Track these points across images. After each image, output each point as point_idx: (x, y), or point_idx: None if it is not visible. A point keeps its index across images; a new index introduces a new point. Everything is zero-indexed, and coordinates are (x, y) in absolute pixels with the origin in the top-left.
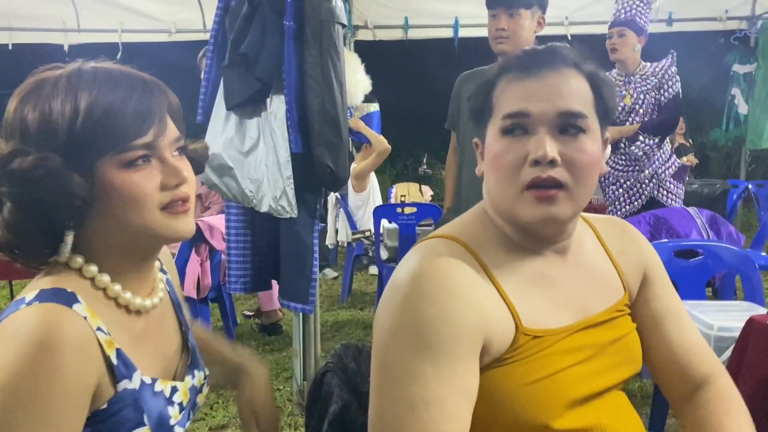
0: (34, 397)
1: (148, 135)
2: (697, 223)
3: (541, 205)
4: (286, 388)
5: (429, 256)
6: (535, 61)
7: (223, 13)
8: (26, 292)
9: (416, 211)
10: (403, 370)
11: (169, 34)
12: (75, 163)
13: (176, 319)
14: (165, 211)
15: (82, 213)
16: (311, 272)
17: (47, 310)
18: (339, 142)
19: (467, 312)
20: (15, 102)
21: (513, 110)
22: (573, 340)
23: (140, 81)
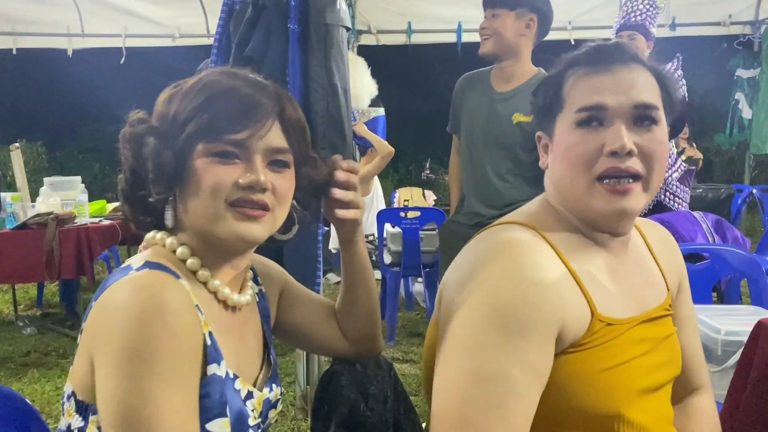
0: (152, 355)
1: (242, 133)
2: (702, 227)
3: (615, 198)
4: (289, 393)
5: (506, 238)
6: (604, 56)
7: (227, 16)
8: (131, 261)
9: (420, 216)
10: (474, 342)
11: (172, 39)
12: (172, 141)
13: (261, 329)
14: (232, 207)
15: (167, 187)
16: (315, 277)
17: (157, 275)
18: (343, 145)
19: (545, 294)
20: (165, 91)
21: (589, 103)
22: (638, 332)
23: (256, 83)
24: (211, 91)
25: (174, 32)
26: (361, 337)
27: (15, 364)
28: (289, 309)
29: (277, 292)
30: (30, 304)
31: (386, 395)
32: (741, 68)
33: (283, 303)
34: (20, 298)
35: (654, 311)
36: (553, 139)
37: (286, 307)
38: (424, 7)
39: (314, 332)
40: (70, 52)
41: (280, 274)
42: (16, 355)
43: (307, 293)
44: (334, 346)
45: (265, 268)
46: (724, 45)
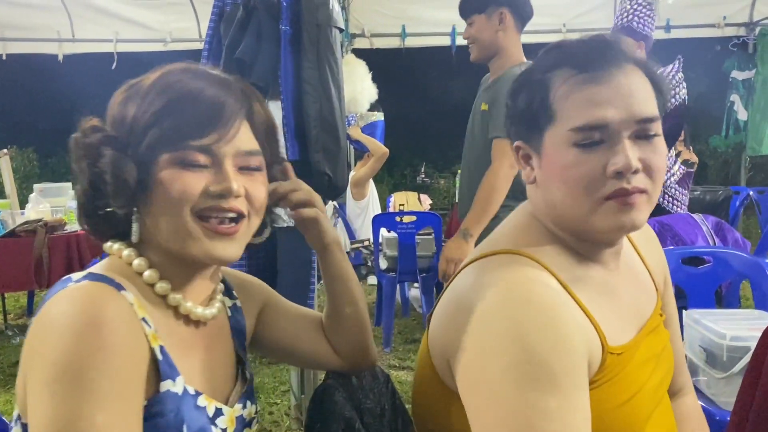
0: (86, 374)
1: (208, 138)
2: (702, 230)
3: (623, 213)
4: (283, 402)
5: (517, 277)
6: (595, 58)
7: (218, 18)
8: (73, 274)
9: (416, 220)
10: (530, 410)
11: (164, 44)
12: (132, 151)
13: (231, 345)
14: (200, 221)
15: (130, 200)
16: (309, 283)
17: (95, 287)
18: (337, 149)
19: (576, 335)
20: (117, 92)
21: (588, 122)
22: (642, 353)
23: (221, 83)
24: (172, 94)
25: (166, 37)
26: (352, 351)
27: (3, 375)
28: (273, 324)
29: (257, 306)
30: (20, 312)
31: (383, 409)
32: (736, 70)
33: (265, 318)
34: (10, 307)
35: (650, 321)
36: (541, 153)
37: (268, 322)
38: (418, 10)
39: (302, 347)
40: (61, 58)
41: (261, 289)
42: (5, 365)
43: (293, 307)
44: (325, 360)
45: (242, 282)
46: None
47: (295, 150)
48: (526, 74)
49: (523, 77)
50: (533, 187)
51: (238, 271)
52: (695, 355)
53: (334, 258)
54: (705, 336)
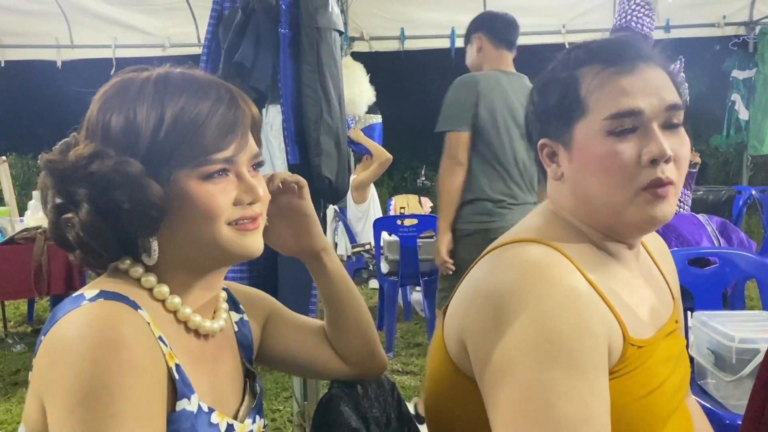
0: (110, 396)
1: (230, 149)
2: (707, 230)
3: (656, 206)
4: (286, 409)
5: (533, 257)
6: (624, 53)
7: (217, 22)
8: (84, 289)
9: (417, 223)
10: (548, 388)
11: (163, 49)
12: (154, 171)
13: (239, 359)
14: (232, 227)
15: (156, 222)
16: (310, 288)
17: (112, 307)
18: (338, 152)
19: (598, 319)
20: (98, 102)
21: (623, 108)
22: (662, 351)
23: (228, 93)
24: (191, 112)
25: (164, 42)
26: (361, 357)
27: (4, 383)
28: (278, 335)
29: (262, 319)
30: (20, 320)
31: (389, 418)
32: (736, 69)
33: (270, 329)
34: (10, 315)
35: (668, 325)
36: (571, 148)
37: (273, 333)
38: (417, 13)
39: (308, 357)
40: (60, 64)
41: (266, 301)
42: (5, 374)
43: (297, 318)
44: (333, 370)
45: (248, 296)
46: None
47: (295, 154)
48: (551, 72)
49: (547, 75)
50: (558, 184)
51: (243, 285)
52: (703, 357)
53: (329, 261)
54: (713, 338)
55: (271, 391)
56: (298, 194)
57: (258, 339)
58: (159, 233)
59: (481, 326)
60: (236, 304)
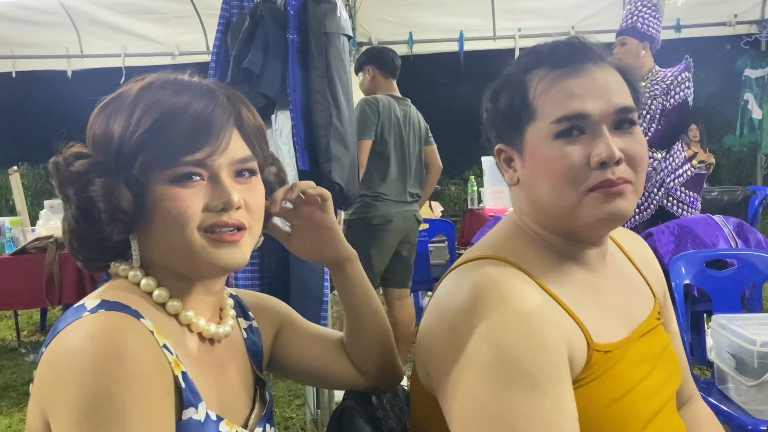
0: (117, 408)
1: (201, 152)
2: (724, 231)
3: (610, 202)
4: (299, 416)
5: (484, 278)
6: (571, 55)
7: (225, 29)
8: (86, 300)
9: (428, 228)
10: (507, 410)
11: (172, 57)
12: (124, 173)
13: (248, 366)
14: (207, 234)
15: (127, 226)
16: (322, 294)
17: (114, 317)
18: (347, 158)
19: (553, 333)
20: (96, 109)
21: (569, 112)
22: (635, 353)
23: (206, 93)
24: (158, 111)
25: (174, 50)
26: (377, 368)
27: (17, 393)
28: (291, 343)
29: (274, 326)
30: (33, 329)
31: (405, 428)
32: (749, 68)
33: (283, 337)
34: (23, 324)
35: (646, 324)
36: (523, 152)
37: (287, 342)
38: (424, 17)
39: (322, 367)
40: (70, 74)
41: (278, 308)
42: (18, 383)
43: (312, 327)
44: (349, 381)
45: (259, 302)
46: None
47: (305, 160)
48: (504, 78)
49: (500, 81)
50: (516, 189)
51: (253, 291)
52: (723, 361)
53: (353, 272)
54: (734, 342)
55: (283, 398)
56: (320, 207)
57: (269, 346)
58: (141, 236)
59: (437, 348)
60: (245, 311)
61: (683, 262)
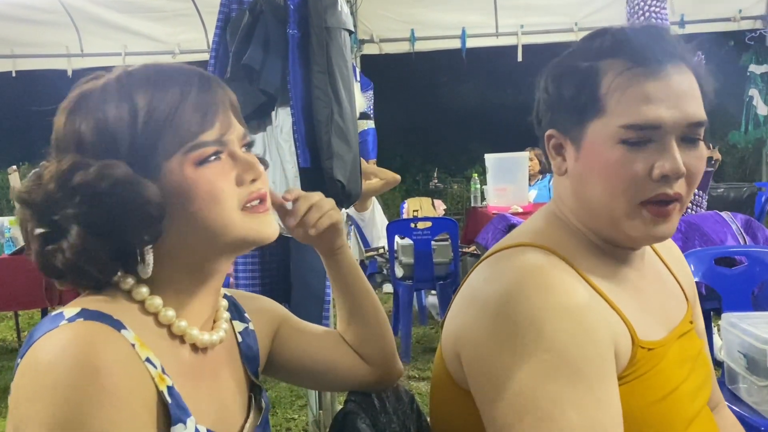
0: (87, 426)
1: (215, 129)
2: (732, 228)
3: (657, 223)
4: (301, 417)
5: (529, 263)
6: (653, 52)
7: (224, 24)
8: (65, 307)
9: (431, 226)
10: (550, 402)
11: (173, 56)
12: (142, 168)
13: (242, 371)
14: (245, 211)
15: (157, 223)
16: (324, 294)
17: (92, 328)
18: (349, 155)
19: (598, 322)
20: (63, 117)
21: (642, 120)
22: (676, 353)
23: (196, 75)
24: (165, 96)
25: (174, 48)
26: (381, 356)
27: None
28: (291, 343)
29: (272, 327)
30: None
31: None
32: (753, 64)
33: (282, 337)
34: (24, 325)
35: (681, 326)
36: (580, 146)
37: (286, 342)
38: (426, 14)
39: (325, 364)
40: (70, 73)
41: (276, 309)
42: None
43: (310, 325)
44: (354, 374)
45: (255, 303)
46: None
47: (306, 157)
48: (571, 59)
49: (567, 61)
50: (562, 179)
51: (249, 293)
52: (734, 361)
53: (345, 257)
54: (744, 341)
55: (285, 399)
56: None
57: (266, 349)
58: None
59: (476, 337)
60: (240, 313)
61: (692, 260)
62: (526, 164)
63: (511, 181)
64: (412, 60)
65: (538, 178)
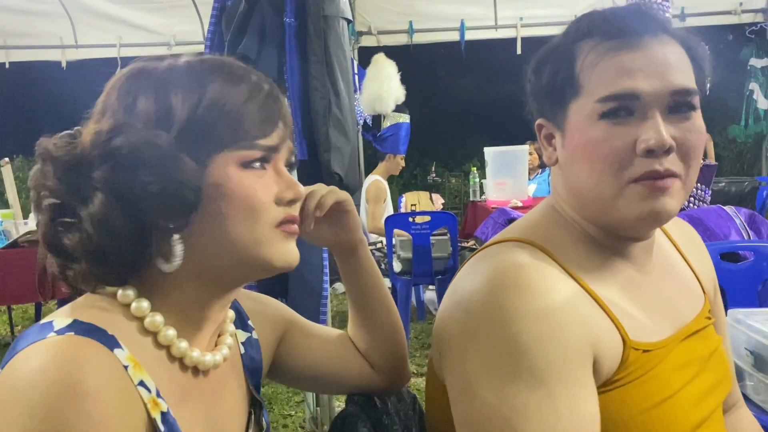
0: None
1: (273, 137)
2: (736, 223)
3: (653, 199)
4: (298, 414)
5: (508, 261)
6: (629, 25)
7: (219, 13)
8: (58, 315)
9: (430, 220)
10: (508, 407)
11: (168, 47)
12: (189, 149)
13: (244, 386)
14: (278, 231)
15: (190, 209)
16: (321, 288)
17: (80, 345)
18: (347, 147)
19: (572, 325)
20: (115, 87)
21: (618, 90)
22: (678, 355)
23: (266, 81)
24: (233, 88)
25: (170, 40)
26: (391, 362)
27: None
28: (298, 348)
29: (276, 332)
30: (28, 324)
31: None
32: (754, 57)
33: (289, 341)
34: (18, 318)
35: (693, 323)
36: (565, 130)
37: (293, 346)
38: (425, 5)
39: (333, 368)
40: (64, 64)
41: (282, 312)
42: None
43: (318, 327)
44: (361, 381)
45: (260, 307)
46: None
47: (303, 149)
48: (552, 46)
49: (547, 49)
50: (555, 170)
51: (254, 293)
52: (740, 358)
53: (365, 255)
54: (751, 338)
55: (282, 395)
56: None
57: (269, 356)
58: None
59: (450, 335)
60: (244, 321)
61: None
62: (526, 158)
63: (511, 175)
64: (410, 52)
65: (537, 172)
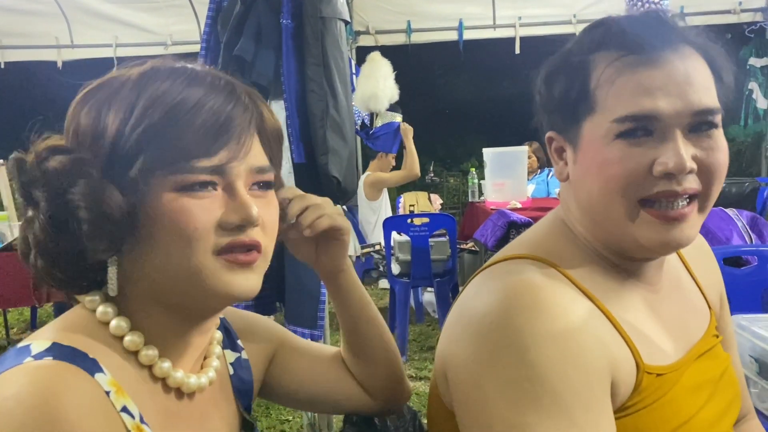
0: None
1: (218, 156)
2: (738, 226)
3: (666, 228)
4: (296, 419)
5: (522, 281)
6: (647, 39)
7: (215, 14)
8: (36, 338)
9: (428, 222)
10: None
11: (165, 47)
12: (117, 175)
13: (234, 408)
14: (221, 257)
15: (114, 241)
16: (319, 293)
17: (59, 372)
18: (345, 150)
19: (592, 348)
20: (77, 99)
21: (637, 111)
22: (690, 377)
23: (227, 87)
24: (169, 104)
25: (166, 40)
26: (386, 385)
27: None
28: (289, 369)
29: (266, 352)
30: (24, 327)
31: None
32: (753, 57)
33: (279, 362)
34: (14, 321)
35: (702, 343)
36: (578, 147)
37: (284, 367)
38: (423, 5)
39: (327, 392)
40: (60, 64)
41: (272, 331)
42: None
43: (311, 347)
44: (355, 403)
45: (250, 326)
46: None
47: (300, 152)
48: (563, 56)
49: (558, 58)
50: (566, 185)
51: (243, 311)
52: (745, 365)
53: (350, 277)
54: (756, 344)
55: None
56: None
57: (260, 376)
58: (126, 257)
59: (459, 357)
60: (233, 340)
61: None
62: (525, 159)
63: (510, 176)
64: (408, 52)
65: (536, 173)
